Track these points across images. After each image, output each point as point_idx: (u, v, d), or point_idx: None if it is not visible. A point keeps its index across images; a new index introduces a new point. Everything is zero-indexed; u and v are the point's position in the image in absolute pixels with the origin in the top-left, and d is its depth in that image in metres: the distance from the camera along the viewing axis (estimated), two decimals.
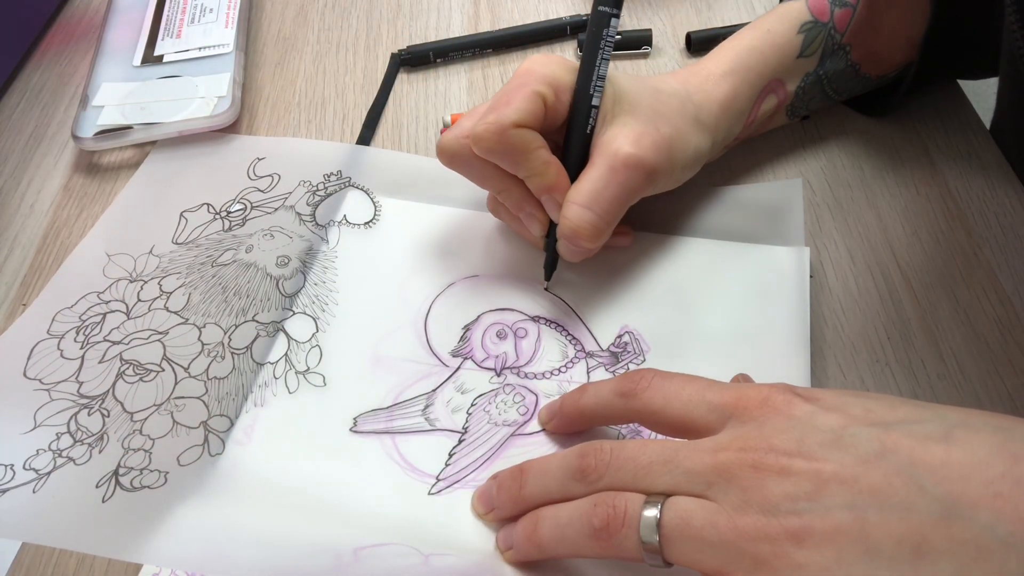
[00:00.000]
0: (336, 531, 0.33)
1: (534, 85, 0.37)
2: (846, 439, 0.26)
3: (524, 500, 0.32)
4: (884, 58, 0.46)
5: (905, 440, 0.25)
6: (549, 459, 0.32)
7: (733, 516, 0.26)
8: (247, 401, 0.37)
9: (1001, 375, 0.37)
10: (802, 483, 0.25)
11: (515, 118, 0.36)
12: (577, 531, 0.29)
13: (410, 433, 0.37)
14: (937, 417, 0.26)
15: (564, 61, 0.39)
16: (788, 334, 0.38)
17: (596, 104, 0.38)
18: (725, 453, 0.27)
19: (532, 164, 0.37)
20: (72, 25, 0.59)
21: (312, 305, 0.41)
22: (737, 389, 0.29)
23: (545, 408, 0.37)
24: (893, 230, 0.43)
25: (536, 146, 0.37)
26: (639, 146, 0.37)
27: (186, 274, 0.42)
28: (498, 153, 0.37)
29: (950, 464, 0.24)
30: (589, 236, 0.37)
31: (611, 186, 0.37)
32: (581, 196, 0.37)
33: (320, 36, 0.57)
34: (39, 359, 0.39)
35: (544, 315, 0.40)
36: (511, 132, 0.36)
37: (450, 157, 0.39)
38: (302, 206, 0.45)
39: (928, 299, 0.40)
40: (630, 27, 0.55)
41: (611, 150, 0.37)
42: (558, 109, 0.38)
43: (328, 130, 0.50)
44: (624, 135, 0.37)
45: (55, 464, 0.35)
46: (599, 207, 0.37)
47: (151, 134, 0.48)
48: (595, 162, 0.38)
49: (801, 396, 0.28)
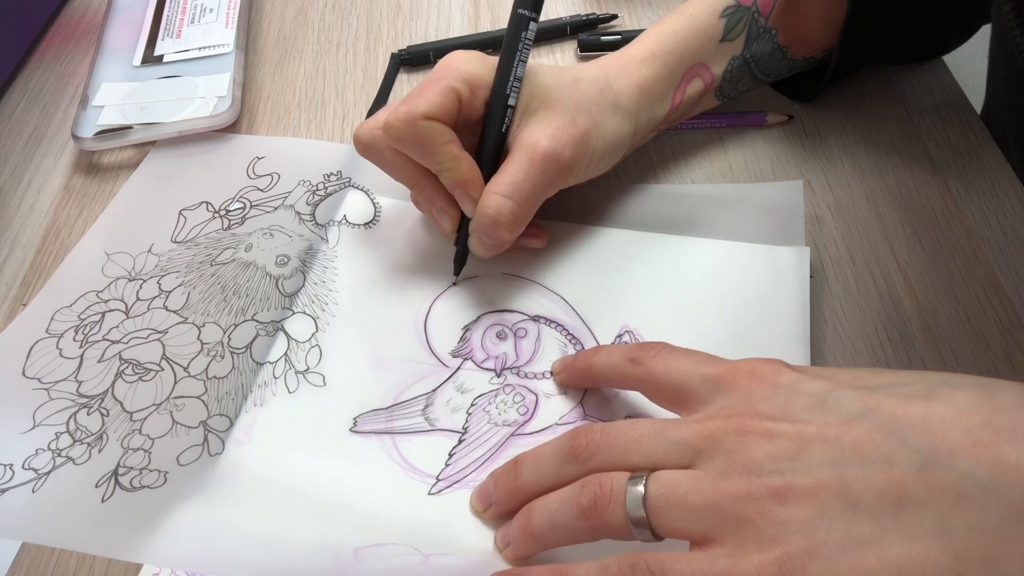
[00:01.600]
0: (336, 531, 0.33)
1: (450, 80, 0.37)
2: (829, 402, 0.27)
3: (520, 490, 0.32)
4: (810, 41, 0.46)
5: (887, 400, 0.26)
6: (542, 447, 0.32)
7: (717, 480, 0.26)
8: (247, 401, 0.37)
9: (1001, 375, 0.37)
10: (785, 444, 0.26)
11: (425, 110, 0.36)
12: (567, 514, 0.29)
13: (410, 433, 0.36)
14: (921, 379, 0.27)
15: (484, 59, 0.39)
16: (788, 334, 0.38)
17: (512, 104, 0.38)
18: (712, 421, 0.28)
19: (441, 157, 0.37)
20: (72, 25, 0.59)
21: (312, 305, 0.41)
22: (729, 363, 0.30)
23: (559, 360, 0.38)
24: (893, 230, 0.43)
25: (445, 140, 0.37)
26: (556, 140, 0.38)
27: (185, 273, 0.42)
28: (407, 144, 0.37)
29: (931, 418, 0.25)
30: (508, 225, 0.38)
31: (530, 177, 0.38)
32: (500, 186, 0.38)
33: (320, 36, 0.57)
34: (38, 358, 0.39)
35: (544, 315, 0.40)
36: (420, 123, 0.36)
37: (364, 147, 0.40)
38: (302, 205, 0.45)
39: (928, 299, 0.40)
40: (629, 27, 0.55)
41: (529, 144, 0.38)
42: (474, 105, 0.38)
43: (328, 130, 0.50)
44: (541, 130, 0.38)
45: (54, 464, 0.35)
46: (518, 196, 0.37)
47: (151, 134, 0.48)
48: (514, 155, 0.38)
49: (789, 367, 0.29)
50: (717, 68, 0.44)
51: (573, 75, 0.41)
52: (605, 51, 0.53)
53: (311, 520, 0.33)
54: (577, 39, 0.54)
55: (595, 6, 0.57)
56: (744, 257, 0.42)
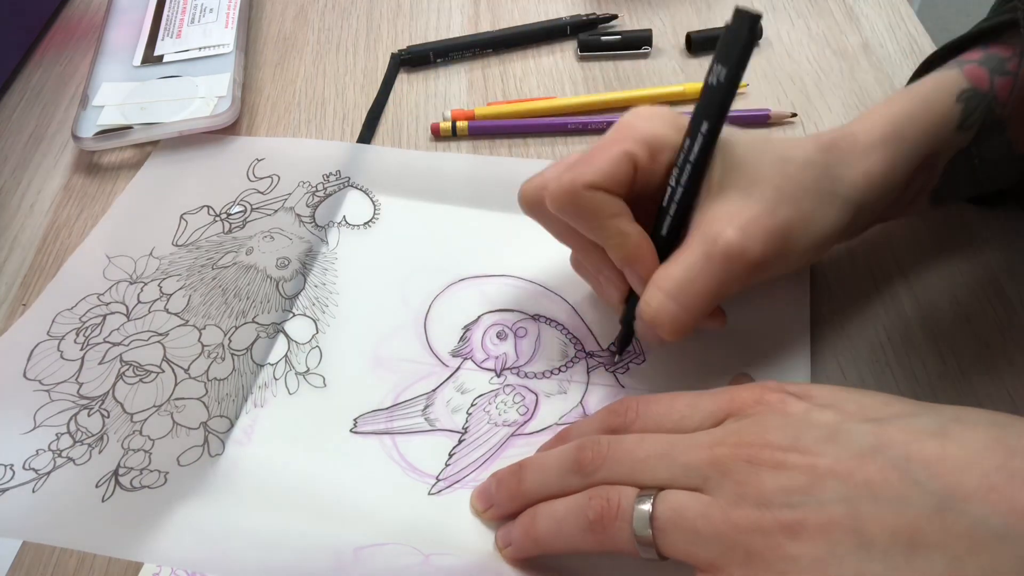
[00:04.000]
0: (336, 531, 0.33)
1: (627, 144, 0.32)
2: (841, 434, 0.26)
3: (522, 495, 0.32)
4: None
5: (900, 435, 0.26)
6: (547, 454, 0.32)
7: (727, 509, 0.26)
8: (247, 402, 0.37)
9: (1001, 375, 0.37)
10: (797, 477, 0.26)
11: (591, 179, 0.32)
12: (572, 525, 0.29)
13: (410, 433, 0.37)
14: (931, 412, 0.27)
15: (669, 116, 0.34)
16: (788, 334, 0.38)
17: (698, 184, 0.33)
18: (721, 448, 0.27)
19: (606, 232, 0.33)
20: (72, 25, 0.59)
21: (312, 306, 0.41)
22: (729, 392, 0.29)
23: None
24: (893, 230, 0.43)
25: (612, 213, 0.32)
26: (745, 233, 0.31)
27: (186, 276, 0.42)
28: (570, 215, 0.33)
29: (945, 458, 0.25)
30: (669, 330, 0.32)
31: (703, 276, 0.32)
32: (668, 282, 0.32)
33: (320, 36, 0.57)
34: (39, 360, 0.39)
35: (544, 314, 0.40)
36: (584, 195, 0.32)
37: (528, 206, 0.36)
38: (301, 207, 0.45)
39: (928, 299, 0.40)
40: (630, 27, 0.55)
41: (711, 233, 0.32)
42: (654, 171, 0.33)
43: (328, 130, 0.50)
44: (730, 216, 0.32)
45: (55, 464, 0.35)
46: (686, 299, 0.32)
47: (151, 134, 0.48)
48: (690, 243, 0.32)
49: (794, 394, 0.28)
50: (941, 162, 0.38)
51: (782, 153, 0.34)
52: (605, 51, 0.53)
53: (311, 520, 0.33)
54: (577, 39, 0.54)
55: (595, 6, 0.57)
56: None
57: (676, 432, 0.29)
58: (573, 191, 0.32)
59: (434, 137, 0.49)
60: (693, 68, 0.53)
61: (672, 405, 0.30)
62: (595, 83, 0.52)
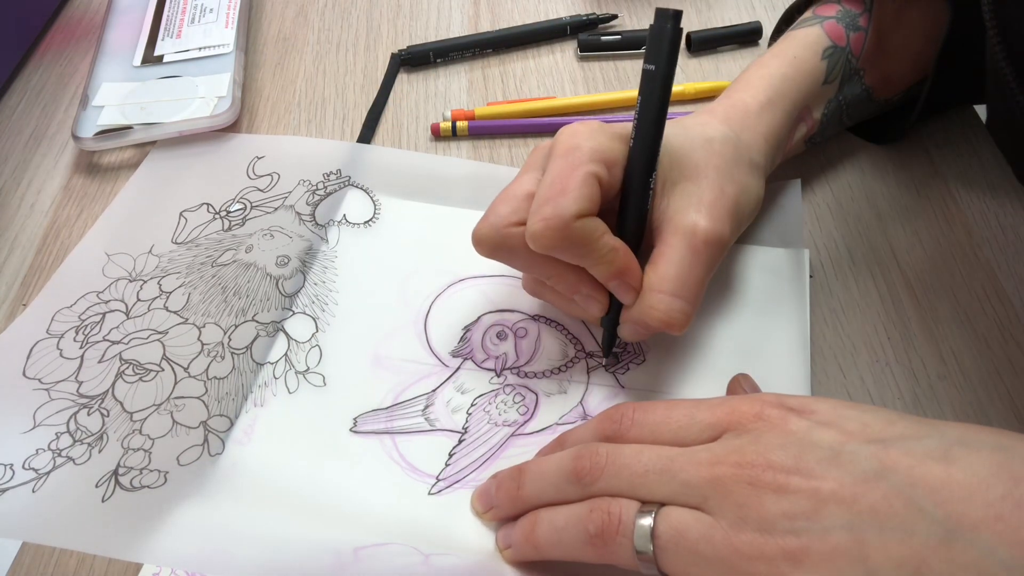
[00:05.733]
0: (336, 531, 0.33)
1: (587, 165, 0.33)
2: (844, 456, 0.26)
3: (522, 500, 0.32)
4: (894, 81, 0.45)
5: (904, 458, 0.25)
6: (546, 461, 0.32)
7: (729, 532, 0.26)
8: (247, 401, 0.37)
9: (1001, 375, 0.37)
10: (800, 501, 0.25)
11: (577, 209, 0.32)
12: (573, 536, 0.29)
13: (410, 433, 0.36)
14: (936, 433, 0.26)
15: (606, 129, 0.35)
16: (788, 334, 0.38)
17: (653, 184, 0.34)
18: (721, 467, 0.27)
19: (597, 254, 0.33)
20: (72, 25, 0.59)
21: (312, 305, 0.41)
22: (727, 403, 0.29)
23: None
24: (893, 230, 0.43)
25: (600, 233, 0.33)
26: (714, 218, 0.34)
27: (186, 274, 0.42)
28: (560, 248, 0.32)
29: (950, 485, 0.24)
30: (682, 325, 0.34)
31: (695, 268, 0.33)
32: (667, 284, 0.33)
33: (320, 36, 0.57)
34: (38, 359, 0.39)
35: (544, 314, 0.40)
36: (574, 226, 0.32)
37: (491, 249, 0.34)
38: (302, 205, 0.45)
39: (928, 299, 0.40)
40: (630, 27, 0.55)
41: (685, 226, 0.34)
42: (612, 184, 0.34)
43: (328, 130, 0.50)
44: (694, 207, 0.34)
45: (55, 464, 0.35)
46: (688, 293, 0.33)
47: (151, 134, 0.48)
48: (669, 241, 0.34)
49: (795, 410, 0.28)
50: (817, 112, 0.43)
51: (702, 134, 0.37)
52: (605, 51, 0.53)
53: (311, 520, 0.33)
54: (577, 39, 0.54)
55: (595, 6, 0.57)
56: (744, 258, 0.42)
57: (673, 443, 0.29)
58: (563, 226, 0.32)
59: (434, 137, 0.49)
60: (693, 68, 0.53)
61: (669, 415, 0.30)
62: (595, 83, 0.52)
